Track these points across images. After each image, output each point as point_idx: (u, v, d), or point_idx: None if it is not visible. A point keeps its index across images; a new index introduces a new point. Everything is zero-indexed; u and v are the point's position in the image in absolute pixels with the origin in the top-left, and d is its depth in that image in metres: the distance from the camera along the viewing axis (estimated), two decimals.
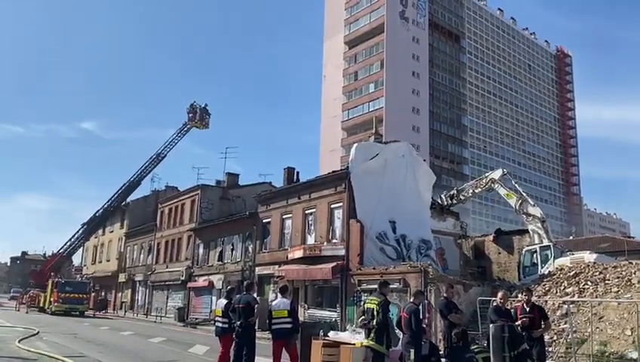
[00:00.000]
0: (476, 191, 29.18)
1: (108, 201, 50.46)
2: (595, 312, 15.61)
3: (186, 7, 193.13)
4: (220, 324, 11.07)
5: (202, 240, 40.55)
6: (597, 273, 18.79)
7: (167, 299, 44.05)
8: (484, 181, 28.71)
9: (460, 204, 30.71)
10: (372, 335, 8.94)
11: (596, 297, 16.66)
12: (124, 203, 51.92)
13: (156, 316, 39.95)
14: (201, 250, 40.53)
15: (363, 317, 9.24)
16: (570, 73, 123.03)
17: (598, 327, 15.11)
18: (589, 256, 22.60)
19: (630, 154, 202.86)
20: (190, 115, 49.12)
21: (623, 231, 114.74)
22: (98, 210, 50.51)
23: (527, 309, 9.72)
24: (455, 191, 30.09)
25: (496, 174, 28.48)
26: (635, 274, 17.50)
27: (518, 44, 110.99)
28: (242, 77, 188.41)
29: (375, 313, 8.90)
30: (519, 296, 18.42)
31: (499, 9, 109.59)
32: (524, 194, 27.18)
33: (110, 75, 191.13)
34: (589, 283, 18.24)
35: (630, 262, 22.11)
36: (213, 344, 13.33)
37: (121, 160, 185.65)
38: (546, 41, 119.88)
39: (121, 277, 53.19)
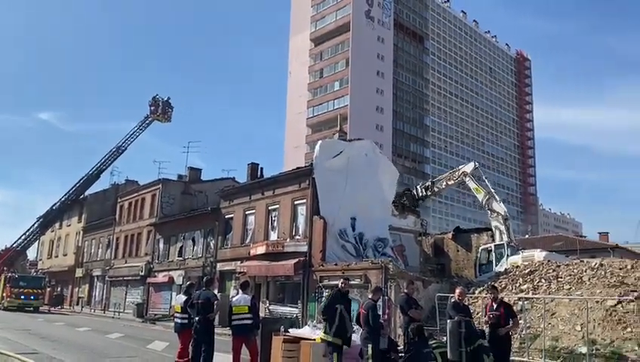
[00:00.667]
0: (449, 183, 29.63)
1: (65, 195, 48.99)
2: (547, 309, 16.13)
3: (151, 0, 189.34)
4: (178, 320, 10.98)
5: (163, 235, 39.97)
6: (551, 271, 19.45)
7: (126, 294, 43.31)
8: (456, 174, 29.21)
9: (434, 195, 31.15)
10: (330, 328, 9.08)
11: (549, 294, 17.22)
12: (82, 196, 50.59)
13: (114, 312, 39.27)
14: (161, 245, 39.96)
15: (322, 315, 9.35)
16: (529, 76, 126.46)
17: (550, 323, 15.63)
18: (539, 254, 23.40)
19: (584, 157, 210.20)
20: (152, 108, 48.18)
21: (576, 231, 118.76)
22: (55, 204, 49.02)
23: (495, 307, 9.96)
24: (430, 183, 30.56)
25: (469, 167, 29.01)
26: (585, 272, 18.19)
27: (479, 47, 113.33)
28: (207, 70, 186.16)
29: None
30: (483, 293, 18.95)
31: (462, 11, 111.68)
32: (492, 191, 27.83)
33: (70, 65, 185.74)
34: (543, 280, 18.86)
35: (582, 261, 22.99)
36: (173, 340, 13.21)
37: (81, 152, 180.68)
38: (506, 44, 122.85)
39: (78, 272, 51.98)
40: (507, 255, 24.66)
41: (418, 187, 30.77)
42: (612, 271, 17.70)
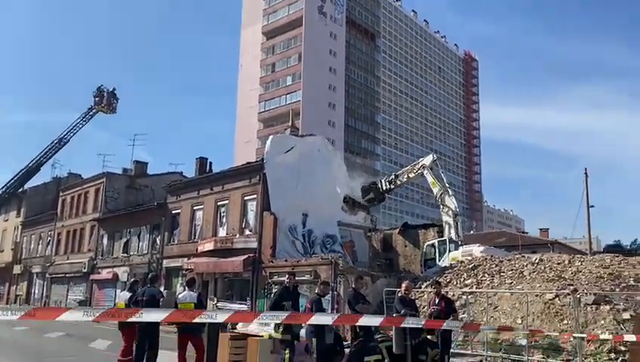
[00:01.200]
0: (410, 176, 30.03)
1: (2, 188, 46.84)
2: (490, 302, 16.67)
3: None
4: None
5: (107, 230, 38.83)
6: (494, 265, 20.11)
7: (68, 292, 41.90)
8: (417, 167, 29.66)
9: (397, 188, 31.55)
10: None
11: (492, 288, 17.80)
12: (21, 190, 48.41)
13: None
14: (105, 241, 38.84)
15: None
16: (476, 77, 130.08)
17: (492, 316, 16.16)
18: (477, 249, 24.20)
19: (526, 155, 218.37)
20: (97, 99, 46.63)
21: (519, 227, 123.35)
22: None
23: (437, 301, 10.21)
24: (393, 176, 30.92)
25: (427, 160, 29.50)
26: (526, 266, 18.92)
27: (429, 46, 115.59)
28: (154, 61, 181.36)
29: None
30: (429, 288, 19.36)
31: (413, 10, 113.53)
32: (447, 186, 28.46)
33: (8, 52, 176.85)
34: (486, 275, 19.48)
35: (523, 256, 23.90)
36: (116, 338, 12.79)
37: (21, 143, 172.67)
38: (455, 44, 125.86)
39: (16, 269, 49.76)
40: (449, 250, 25.36)
41: (383, 181, 31.15)
42: (551, 266, 18.48)
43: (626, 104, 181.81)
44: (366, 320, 5.18)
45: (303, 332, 9.45)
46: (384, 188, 30.63)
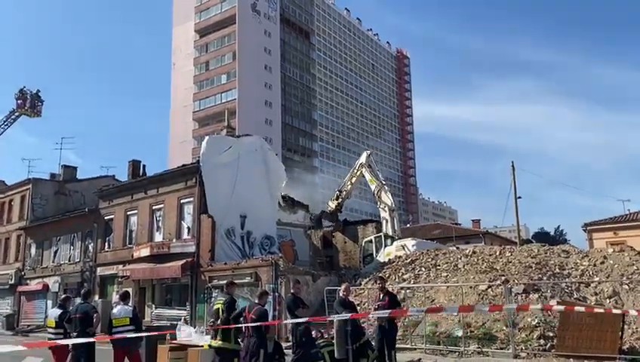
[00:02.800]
0: (353, 181, 30.32)
1: None
2: (428, 296, 17.18)
3: None
4: (52, 336, 10.19)
5: (35, 239, 36.94)
6: (430, 259, 20.71)
7: None
8: (356, 169, 30.01)
9: (347, 200, 31.67)
10: (219, 335, 8.90)
11: (429, 282, 18.34)
12: None
13: None
14: (33, 251, 36.96)
15: (212, 320, 9.16)
16: (409, 73, 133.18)
17: None
18: (410, 243, 24.92)
19: (458, 148, 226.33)
20: (19, 102, 44.12)
21: (452, 218, 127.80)
22: None
23: (381, 296, 10.36)
24: (337, 192, 30.97)
25: (363, 158, 29.97)
26: (460, 259, 19.61)
27: (363, 44, 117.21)
28: (82, 60, 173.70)
29: (220, 312, 8.90)
30: (369, 284, 19.68)
31: (346, 9, 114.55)
32: (383, 182, 29.00)
33: None
34: (423, 269, 20.03)
35: (457, 247, 24.79)
36: (48, 354, 12.18)
37: None
38: (387, 42, 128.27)
39: None
40: (385, 246, 25.91)
41: (330, 203, 31.13)
42: (483, 257, 19.25)
43: (549, 98, 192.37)
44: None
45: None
46: (334, 207, 30.80)
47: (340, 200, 30.82)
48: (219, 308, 9.04)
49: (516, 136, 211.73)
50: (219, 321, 8.88)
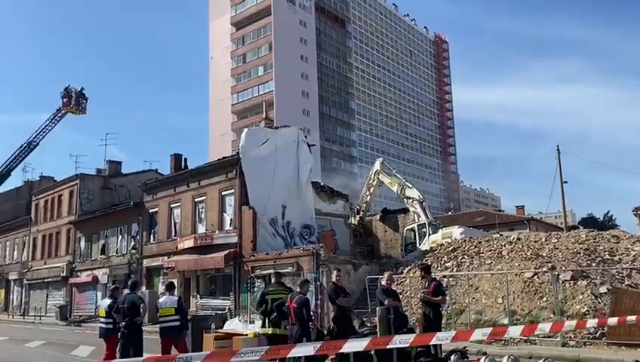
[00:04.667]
0: (370, 191, 30.34)
1: None
2: (471, 284, 16.90)
3: None
4: (103, 325, 10.55)
5: (83, 233, 38.24)
6: (472, 247, 20.35)
7: (47, 297, 41.30)
8: (371, 179, 30.08)
9: (367, 211, 31.54)
10: (269, 323, 9.10)
11: (472, 270, 18.04)
12: None
13: (35, 316, 37.33)
14: (82, 244, 38.28)
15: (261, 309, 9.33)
16: (447, 58, 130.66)
17: (474, 298, 16.39)
18: (456, 230, 24.52)
19: (499, 133, 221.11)
20: (65, 100, 45.59)
21: (495, 205, 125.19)
22: None
23: (426, 284, 10.27)
24: (357, 208, 30.86)
25: (377, 165, 30.05)
26: (504, 246, 19.18)
27: (399, 30, 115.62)
28: (122, 58, 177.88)
29: (270, 302, 9.07)
30: (411, 273, 19.53)
31: None
32: (403, 180, 28.80)
33: None
34: (465, 257, 19.70)
35: (501, 234, 24.27)
36: (99, 343, 12.61)
37: None
38: (425, 27, 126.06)
39: None
40: (429, 233, 25.62)
41: (351, 219, 30.71)
42: (528, 244, 18.78)
43: (594, 77, 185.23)
44: (350, 346, 5.15)
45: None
46: (356, 223, 30.61)
47: (362, 213, 30.75)
48: (277, 299, 9.16)
49: (560, 118, 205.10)
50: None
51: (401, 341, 5.67)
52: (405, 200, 28.03)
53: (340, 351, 5.19)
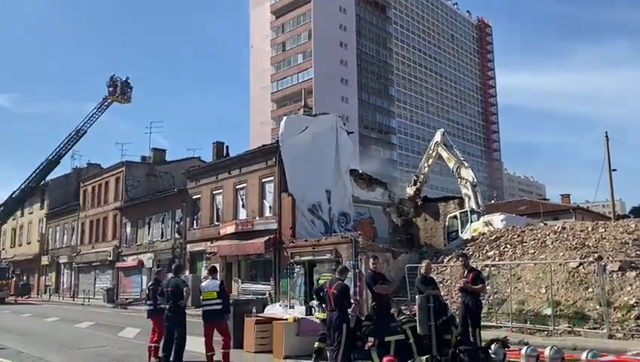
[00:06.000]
0: (429, 162, 30.04)
1: (25, 181, 47.55)
2: (513, 273, 16.60)
3: None
4: (151, 308, 10.99)
5: (129, 218, 39.39)
6: (515, 236, 19.96)
7: (95, 280, 42.84)
8: (431, 150, 29.63)
9: (425, 184, 31.36)
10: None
11: (514, 259, 17.70)
12: (43, 182, 49.22)
13: (84, 298, 38.79)
14: (128, 229, 39.44)
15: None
16: (491, 43, 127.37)
17: (516, 287, 16.10)
18: (497, 218, 24.05)
19: (545, 120, 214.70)
20: (110, 89, 46.74)
21: (540, 193, 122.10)
22: (14, 192, 47.57)
23: (465, 273, 10.19)
24: (414, 178, 30.75)
25: (438, 136, 29.60)
26: (548, 235, 18.73)
27: (441, 15, 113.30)
28: (165, 47, 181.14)
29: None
30: (451, 261, 19.33)
31: None
32: (462, 158, 28.40)
33: (19, 44, 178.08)
34: (508, 246, 19.35)
35: (545, 223, 23.68)
36: (145, 325, 13.07)
37: (37, 137, 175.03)
38: (467, 11, 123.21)
39: (44, 260, 50.98)
40: (471, 221, 25.22)
41: (408, 189, 30.88)
42: (574, 233, 18.28)
43: None
44: None
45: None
46: (412, 193, 30.41)
47: (419, 184, 30.37)
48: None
49: (608, 103, 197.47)
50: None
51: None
52: (459, 180, 27.74)
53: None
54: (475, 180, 27.41)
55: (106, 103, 46.59)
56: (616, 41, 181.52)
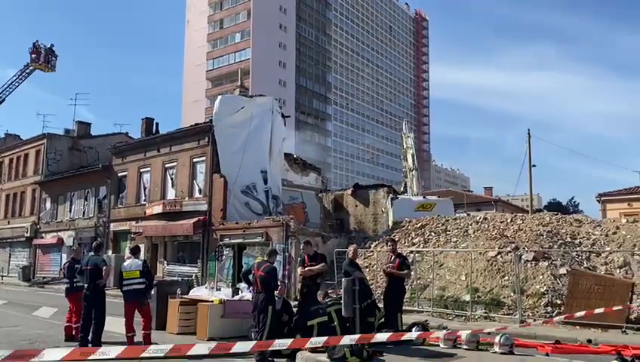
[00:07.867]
0: (410, 154, 30.63)
1: None
2: (436, 260, 17.21)
3: None
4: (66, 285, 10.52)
5: (49, 194, 37.46)
6: (440, 225, 20.68)
7: (10, 257, 40.51)
8: (404, 140, 30.75)
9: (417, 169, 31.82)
10: None
11: (438, 247, 18.35)
12: None
13: None
14: (48, 205, 37.53)
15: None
16: (427, 37, 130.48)
17: (438, 274, 16.71)
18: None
19: (473, 115, 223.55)
20: (33, 56, 44.02)
21: (465, 186, 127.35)
22: None
23: (392, 258, 10.41)
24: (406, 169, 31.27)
25: (405, 128, 31.66)
26: (471, 225, 19.54)
27: (380, 4, 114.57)
28: (95, 17, 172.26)
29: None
30: (378, 247, 19.78)
31: None
32: (412, 145, 30.36)
33: None
34: (433, 233, 20.03)
35: (468, 214, 24.72)
36: (62, 304, 12.52)
37: None
38: (406, 3, 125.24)
39: None
40: (393, 209, 26.15)
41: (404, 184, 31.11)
42: (494, 224, 19.16)
43: (569, 65, 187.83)
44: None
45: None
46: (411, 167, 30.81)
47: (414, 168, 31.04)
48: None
49: (533, 103, 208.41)
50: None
51: (280, 344, 5.91)
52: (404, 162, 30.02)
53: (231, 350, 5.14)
54: (416, 166, 29.00)
55: (27, 70, 43.88)
56: (544, 44, 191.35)
